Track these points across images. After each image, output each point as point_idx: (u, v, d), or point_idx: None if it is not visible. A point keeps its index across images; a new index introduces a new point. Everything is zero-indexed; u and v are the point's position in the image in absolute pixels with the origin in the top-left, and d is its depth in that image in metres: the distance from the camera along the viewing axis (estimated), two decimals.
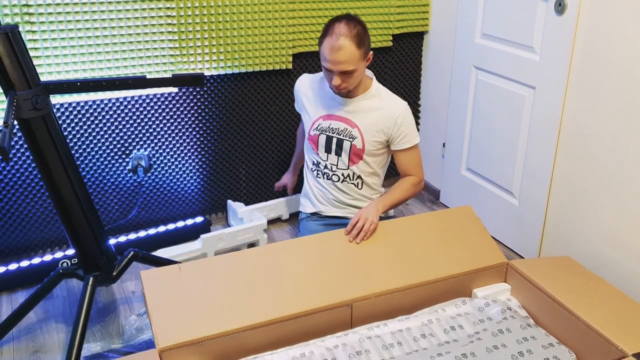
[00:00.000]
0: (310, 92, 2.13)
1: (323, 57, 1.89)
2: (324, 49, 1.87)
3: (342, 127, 2.06)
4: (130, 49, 2.42)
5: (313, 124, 2.10)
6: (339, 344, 1.63)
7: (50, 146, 1.83)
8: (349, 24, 1.86)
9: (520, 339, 1.65)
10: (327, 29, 1.88)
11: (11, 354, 2.06)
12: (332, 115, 2.06)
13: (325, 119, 2.07)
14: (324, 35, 1.88)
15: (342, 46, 1.83)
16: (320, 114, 2.09)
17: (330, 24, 1.89)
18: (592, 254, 2.26)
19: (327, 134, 2.08)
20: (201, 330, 1.58)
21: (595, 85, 2.15)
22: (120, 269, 2.08)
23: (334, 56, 1.85)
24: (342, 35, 1.84)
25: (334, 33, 1.85)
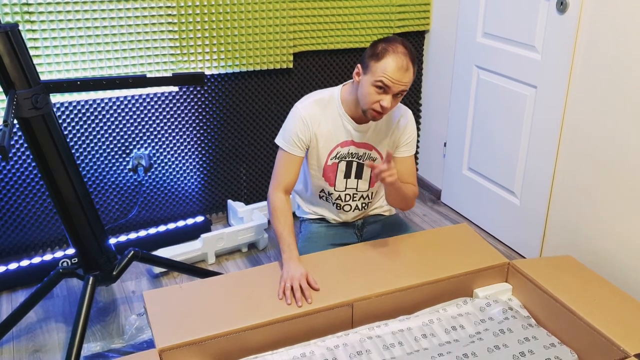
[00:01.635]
0: (323, 120, 1.90)
1: (382, 73, 1.71)
2: (388, 66, 1.70)
3: (362, 152, 1.94)
4: (131, 47, 2.42)
5: (331, 152, 1.93)
6: (340, 344, 1.62)
7: (51, 145, 1.83)
8: (407, 46, 1.76)
9: (521, 339, 1.65)
10: (385, 48, 1.73)
11: (11, 353, 2.05)
12: (348, 141, 1.92)
13: (344, 146, 1.93)
14: (384, 53, 1.72)
15: (409, 67, 1.73)
16: (338, 141, 1.92)
17: (387, 44, 1.74)
18: (594, 254, 2.26)
19: (347, 160, 1.95)
20: (201, 330, 1.57)
21: (597, 84, 2.14)
22: (120, 268, 2.08)
23: (401, 75, 1.72)
24: (407, 55, 1.73)
25: (398, 52, 1.72)
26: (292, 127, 1.88)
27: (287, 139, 1.88)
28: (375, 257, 1.90)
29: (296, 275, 1.73)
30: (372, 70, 1.73)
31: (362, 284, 1.77)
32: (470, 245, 1.99)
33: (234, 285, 1.79)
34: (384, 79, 1.71)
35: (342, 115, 1.89)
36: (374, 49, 1.75)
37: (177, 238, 2.69)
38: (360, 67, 1.80)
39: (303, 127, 1.87)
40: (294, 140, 1.87)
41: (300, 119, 1.87)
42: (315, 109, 1.89)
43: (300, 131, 1.87)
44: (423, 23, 3.07)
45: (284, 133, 1.90)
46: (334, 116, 1.89)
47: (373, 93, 1.75)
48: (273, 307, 1.67)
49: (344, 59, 2.95)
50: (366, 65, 1.76)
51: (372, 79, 1.73)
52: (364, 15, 2.87)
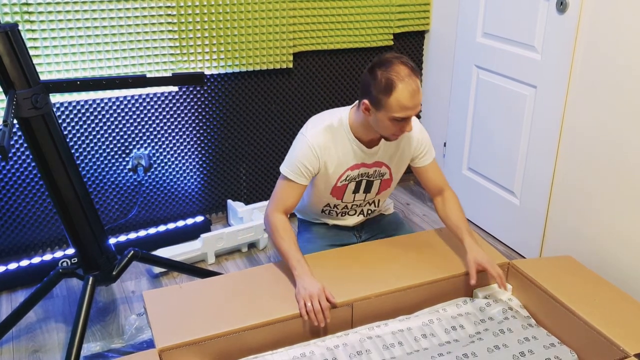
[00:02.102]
0: (332, 147, 1.80)
1: (399, 107, 1.62)
2: (401, 97, 1.61)
3: (372, 170, 1.89)
4: (131, 47, 2.42)
5: (341, 176, 1.86)
6: (340, 344, 1.62)
7: (50, 145, 1.83)
8: (405, 62, 1.64)
9: (521, 339, 1.65)
10: (389, 78, 1.61)
11: (11, 353, 2.05)
12: (358, 164, 1.85)
13: (354, 169, 1.86)
14: (391, 85, 1.60)
15: (418, 84, 1.64)
16: (348, 165, 1.84)
17: (388, 70, 1.62)
18: (593, 254, 2.26)
19: (356, 180, 1.90)
20: (201, 330, 1.57)
21: (597, 84, 2.14)
22: (120, 268, 2.08)
23: (416, 99, 1.63)
24: (411, 74, 1.63)
25: (403, 77, 1.61)
26: (300, 157, 1.78)
27: (294, 168, 1.78)
28: (375, 257, 1.90)
29: (314, 292, 1.65)
30: (385, 107, 1.63)
31: (361, 284, 1.77)
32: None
33: (234, 285, 1.79)
34: (402, 114, 1.63)
35: (351, 140, 1.80)
36: (377, 81, 1.63)
37: (177, 238, 2.69)
38: (369, 103, 1.67)
39: (312, 158, 1.78)
40: (300, 170, 1.78)
41: (310, 149, 1.77)
42: (325, 136, 1.79)
43: (309, 162, 1.78)
44: (423, 23, 3.07)
45: (290, 162, 1.80)
46: (344, 142, 1.81)
47: (393, 125, 1.67)
48: (273, 307, 1.67)
49: (343, 59, 2.95)
50: (376, 101, 1.64)
51: (389, 115, 1.64)
52: (363, 15, 2.87)
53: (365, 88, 1.67)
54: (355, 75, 3.01)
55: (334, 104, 3.00)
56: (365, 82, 1.67)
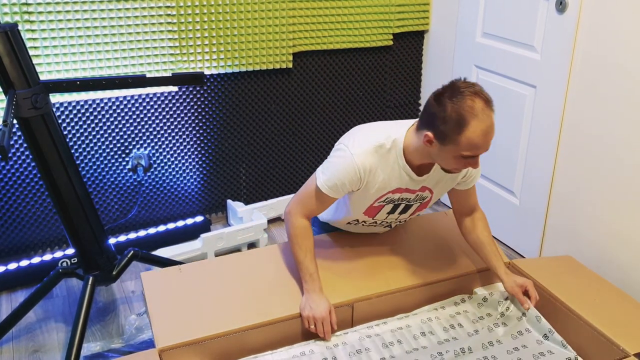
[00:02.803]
0: (379, 169, 1.63)
1: (470, 146, 1.47)
2: (473, 136, 1.45)
3: (414, 195, 1.75)
4: (130, 47, 2.42)
5: (380, 197, 1.71)
6: (339, 343, 1.63)
7: (50, 145, 1.83)
8: (477, 90, 1.48)
9: (515, 333, 1.66)
10: (461, 114, 1.45)
11: (10, 353, 2.05)
12: (402, 188, 1.70)
13: (395, 192, 1.71)
14: (464, 121, 1.44)
15: (493, 121, 1.49)
16: (390, 188, 1.69)
17: (461, 103, 1.45)
18: (593, 253, 2.26)
19: (394, 203, 1.76)
20: (201, 330, 1.57)
21: (596, 84, 2.14)
22: (120, 268, 2.08)
23: (489, 137, 1.49)
24: (485, 109, 1.47)
25: (477, 113, 1.45)
26: (342, 176, 1.61)
27: (332, 184, 1.63)
28: (376, 258, 1.90)
29: (319, 316, 1.62)
30: (453, 142, 1.47)
31: (362, 284, 1.77)
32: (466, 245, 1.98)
33: (232, 268, 1.79)
34: (471, 153, 1.49)
35: (402, 166, 1.63)
36: (446, 114, 1.45)
37: (177, 238, 2.69)
38: (433, 135, 1.50)
39: (355, 178, 1.61)
40: (338, 188, 1.63)
41: (355, 170, 1.60)
42: (374, 158, 1.61)
43: (350, 182, 1.62)
44: (422, 23, 3.08)
45: (329, 176, 1.63)
46: (392, 166, 1.63)
47: (458, 162, 1.53)
48: (273, 307, 1.67)
49: (343, 59, 2.95)
50: (443, 135, 1.48)
51: (456, 152, 1.49)
52: (363, 15, 2.87)
53: (430, 119, 1.50)
54: (354, 75, 3.01)
55: (333, 104, 3.00)
56: (430, 113, 1.50)
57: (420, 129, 1.55)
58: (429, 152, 1.56)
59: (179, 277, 1.77)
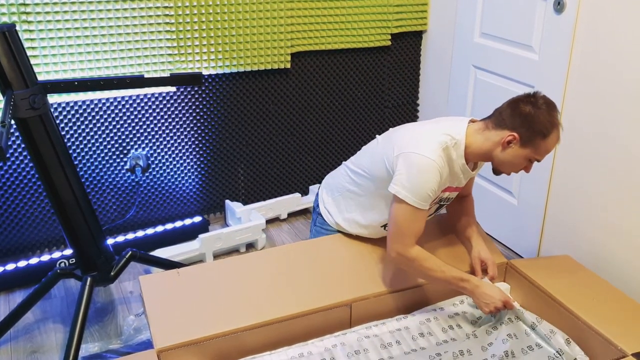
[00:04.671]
0: (446, 172, 1.68)
1: (545, 151, 1.64)
2: (551, 143, 1.63)
3: (455, 193, 1.84)
4: (128, 48, 2.41)
5: (434, 200, 1.74)
6: (338, 344, 1.63)
7: (48, 146, 1.82)
8: (553, 102, 1.64)
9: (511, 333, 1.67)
10: (551, 123, 1.61)
11: (9, 354, 2.05)
12: (452, 187, 1.77)
13: (445, 191, 1.77)
14: (550, 130, 1.60)
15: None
16: (444, 187, 1.74)
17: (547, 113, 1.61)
18: (591, 253, 2.26)
19: (440, 204, 1.83)
20: (199, 331, 1.57)
21: (594, 84, 2.14)
22: (118, 269, 2.08)
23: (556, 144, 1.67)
24: (560, 124, 1.65)
25: (558, 124, 1.63)
26: (431, 183, 1.62)
27: (424, 196, 1.62)
28: (374, 258, 1.90)
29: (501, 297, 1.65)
30: (535, 147, 1.62)
31: (360, 284, 1.77)
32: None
33: (229, 272, 1.78)
34: (540, 157, 1.65)
35: (460, 166, 1.70)
36: (540, 120, 1.60)
37: (175, 238, 2.69)
38: (519, 137, 1.61)
39: (440, 181, 1.65)
40: (429, 196, 1.63)
41: (439, 172, 1.62)
42: (445, 157, 1.65)
43: (439, 186, 1.65)
44: (420, 23, 3.08)
45: (418, 189, 1.62)
46: (452, 165, 1.69)
47: (523, 164, 1.66)
48: (271, 307, 1.67)
49: (341, 59, 2.95)
50: (529, 140, 1.61)
51: (532, 155, 1.63)
52: (361, 16, 2.87)
53: (516, 121, 1.62)
54: (352, 75, 3.01)
55: (331, 104, 3.00)
56: (526, 116, 1.61)
57: (498, 128, 1.65)
58: (497, 152, 1.65)
59: (177, 280, 1.77)
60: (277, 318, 1.63)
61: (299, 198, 2.99)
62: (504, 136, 1.63)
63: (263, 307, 1.67)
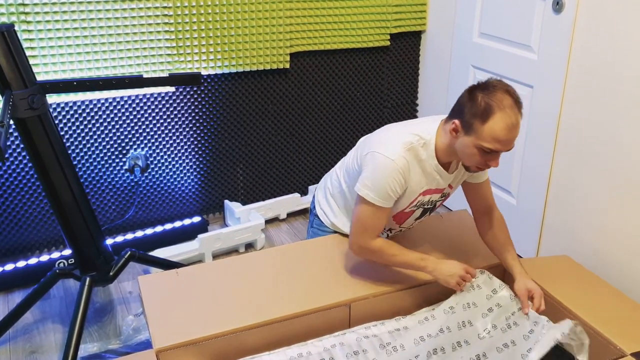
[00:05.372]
0: (413, 170, 1.66)
1: (491, 137, 1.50)
2: (497, 128, 1.48)
3: (439, 195, 1.78)
4: (127, 48, 2.41)
5: (413, 202, 1.73)
6: (337, 344, 1.63)
7: (47, 146, 1.82)
8: (511, 92, 1.51)
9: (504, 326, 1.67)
10: (489, 104, 1.49)
11: (8, 354, 2.05)
12: (432, 189, 1.73)
13: (426, 194, 1.73)
14: (489, 112, 1.48)
15: (519, 119, 1.51)
16: (421, 189, 1.71)
17: (490, 96, 1.50)
18: (590, 253, 2.26)
19: (424, 207, 1.79)
20: (198, 331, 1.57)
21: (593, 84, 2.14)
22: (117, 269, 2.08)
23: (512, 135, 1.50)
24: (514, 105, 1.50)
25: (504, 107, 1.48)
26: (390, 182, 1.62)
27: (383, 194, 1.63)
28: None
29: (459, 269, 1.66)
30: (476, 132, 1.51)
31: (359, 284, 1.77)
32: (468, 246, 1.99)
33: (229, 272, 1.78)
34: (491, 146, 1.51)
35: (433, 166, 1.67)
36: (475, 103, 1.51)
37: (174, 238, 2.69)
38: (459, 124, 1.55)
39: (401, 182, 1.63)
40: (389, 195, 1.63)
41: (398, 172, 1.61)
42: (408, 158, 1.63)
43: (399, 185, 1.63)
44: (419, 23, 3.08)
45: (377, 188, 1.62)
46: (424, 165, 1.66)
47: (479, 156, 1.55)
48: (271, 307, 1.67)
49: (340, 59, 2.95)
50: (468, 124, 1.52)
51: (478, 142, 1.52)
52: (360, 16, 2.87)
53: (460, 108, 1.55)
54: (351, 75, 3.01)
55: (330, 104, 3.01)
56: (461, 102, 1.56)
57: (449, 119, 1.60)
58: (454, 144, 1.59)
59: (176, 280, 1.77)
60: (276, 318, 1.63)
61: (298, 198, 2.99)
62: (449, 125, 1.59)
63: (262, 307, 1.67)
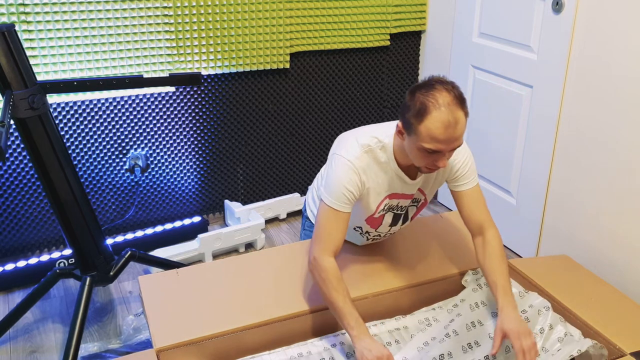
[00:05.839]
0: (374, 172, 1.62)
1: (428, 137, 1.43)
2: (432, 127, 1.41)
3: (409, 201, 1.73)
4: (127, 48, 2.42)
5: (380, 205, 1.68)
6: (337, 343, 1.63)
7: (47, 146, 1.83)
8: (449, 88, 1.46)
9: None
10: (424, 103, 1.44)
11: (8, 354, 2.05)
12: (398, 194, 1.68)
13: (392, 198, 1.69)
14: (424, 110, 1.43)
15: (458, 117, 1.42)
16: (387, 193, 1.67)
17: (426, 94, 1.45)
18: (590, 253, 2.27)
19: (394, 212, 1.74)
20: (199, 330, 1.58)
21: (593, 84, 2.15)
22: (117, 269, 2.08)
23: (450, 133, 1.42)
24: (452, 102, 1.43)
25: (440, 105, 1.42)
26: (344, 182, 1.57)
27: (338, 195, 1.57)
28: (373, 257, 1.90)
29: (382, 352, 1.45)
30: (415, 132, 1.45)
31: (359, 283, 1.77)
32: (468, 245, 1.99)
33: (229, 272, 1.79)
34: (431, 146, 1.44)
35: (394, 169, 1.62)
36: (413, 102, 1.46)
37: (174, 238, 2.69)
38: (402, 125, 1.50)
39: (358, 182, 1.58)
40: (346, 197, 1.57)
41: (353, 171, 1.57)
42: (366, 159, 1.59)
43: (353, 186, 1.58)
44: (419, 23, 3.08)
45: (333, 189, 1.58)
46: (385, 168, 1.62)
47: (424, 156, 1.48)
48: (271, 307, 1.67)
49: (340, 59, 2.95)
50: (408, 124, 1.47)
51: (418, 143, 1.45)
52: (360, 16, 2.88)
53: (402, 109, 1.51)
54: (351, 75, 3.01)
55: (330, 104, 3.01)
56: (403, 103, 1.51)
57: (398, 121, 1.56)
58: (404, 146, 1.54)
59: (176, 280, 1.77)
60: (276, 318, 1.64)
61: (298, 198, 3.00)
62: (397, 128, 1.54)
63: (262, 307, 1.67)
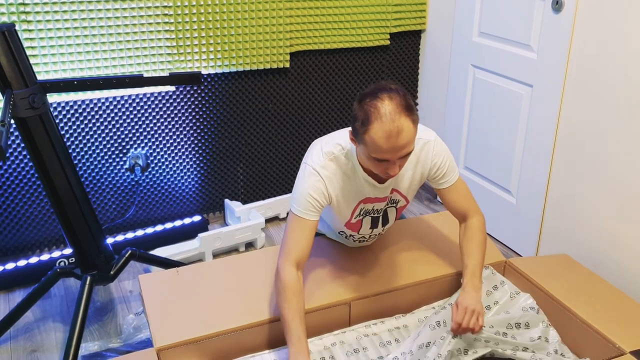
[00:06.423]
0: (341, 179, 1.61)
1: (373, 147, 1.41)
2: (375, 137, 1.39)
3: (384, 204, 1.72)
4: (127, 47, 2.42)
5: (354, 211, 1.68)
6: (337, 342, 1.63)
7: (47, 145, 1.83)
8: (392, 95, 1.41)
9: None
10: (367, 111, 1.41)
11: (8, 353, 2.05)
12: (371, 198, 1.67)
13: (366, 202, 1.68)
14: (367, 120, 1.40)
15: (401, 127, 1.39)
16: (360, 198, 1.65)
17: (370, 102, 1.42)
18: (589, 252, 2.27)
19: (372, 216, 1.73)
20: (199, 329, 1.58)
21: (593, 83, 2.15)
22: (117, 268, 2.08)
23: (393, 143, 1.39)
24: (394, 113, 1.39)
25: (381, 115, 1.39)
26: (307, 189, 1.56)
27: (303, 202, 1.56)
28: (372, 256, 1.90)
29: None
30: (362, 142, 1.44)
31: (359, 283, 1.78)
32: None
33: (229, 271, 1.79)
34: (378, 156, 1.43)
35: (361, 175, 1.61)
36: (360, 111, 1.44)
37: (175, 237, 2.69)
38: (351, 133, 1.49)
39: (322, 189, 1.58)
40: (311, 204, 1.57)
41: (318, 180, 1.57)
42: (332, 167, 1.59)
43: (317, 194, 1.57)
44: (419, 22, 3.08)
45: (297, 196, 1.58)
46: (352, 175, 1.61)
47: (375, 165, 1.47)
48: (271, 306, 1.67)
49: (340, 58, 2.95)
50: (356, 133, 1.46)
51: (367, 152, 1.45)
52: (360, 15, 2.88)
53: (352, 117, 1.49)
54: (351, 74, 3.01)
55: (330, 104, 3.01)
56: (352, 111, 1.49)
57: None
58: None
59: (177, 279, 1.78)
60: (276, 317, 1.64)
61: None
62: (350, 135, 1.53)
63: (262, 306, 1.67)
